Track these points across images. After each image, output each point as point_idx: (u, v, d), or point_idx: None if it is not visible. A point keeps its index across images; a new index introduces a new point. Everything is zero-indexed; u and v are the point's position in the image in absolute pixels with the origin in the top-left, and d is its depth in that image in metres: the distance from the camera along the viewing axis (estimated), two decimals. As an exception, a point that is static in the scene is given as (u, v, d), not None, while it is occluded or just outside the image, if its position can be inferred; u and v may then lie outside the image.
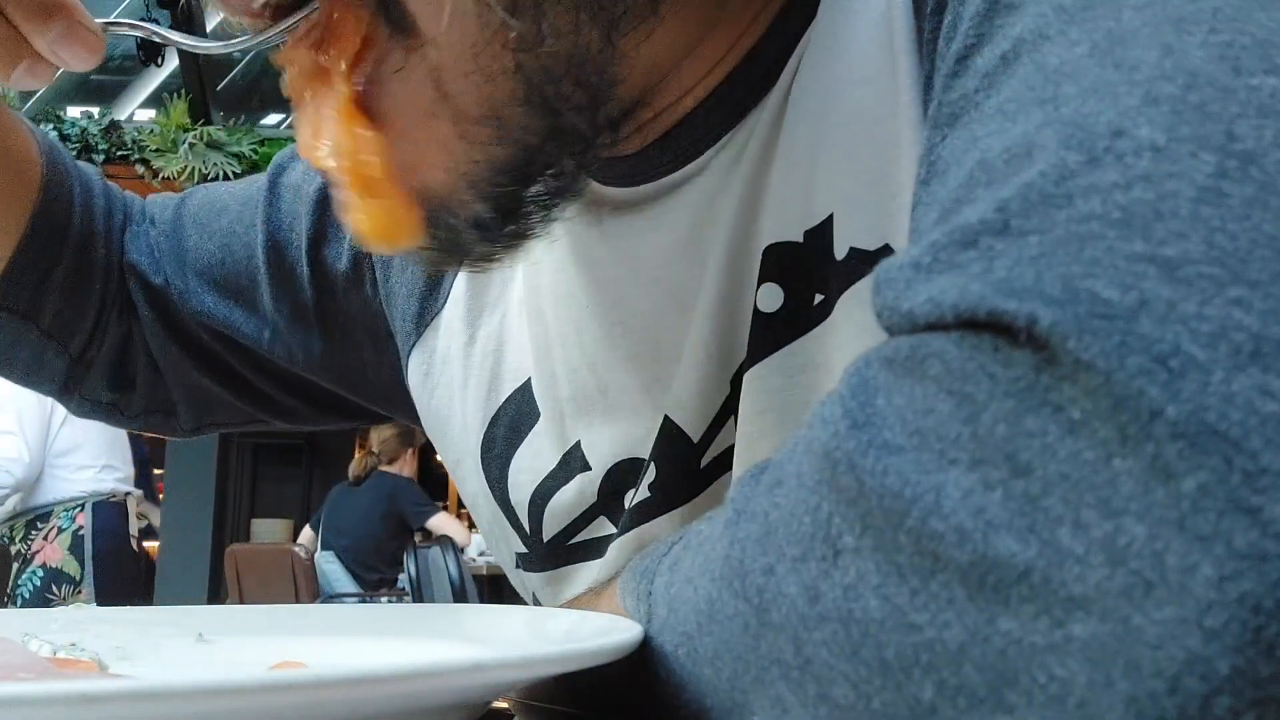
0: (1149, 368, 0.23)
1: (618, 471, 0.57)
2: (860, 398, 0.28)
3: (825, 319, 0.47)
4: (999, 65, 0.33)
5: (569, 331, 0.58)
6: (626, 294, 0.55)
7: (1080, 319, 0.24)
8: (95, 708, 0.23)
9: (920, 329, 0.28)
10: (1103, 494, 0.23)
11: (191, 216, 0.72)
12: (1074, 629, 0.23)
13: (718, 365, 0.52)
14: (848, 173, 0.46)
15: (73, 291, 0.68)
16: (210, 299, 0.70)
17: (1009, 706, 0.24)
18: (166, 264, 0.71)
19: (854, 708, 0.27)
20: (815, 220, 0.47)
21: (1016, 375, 0.25)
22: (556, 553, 0.61)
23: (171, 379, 0.73)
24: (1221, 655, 0.21)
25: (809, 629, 0.28)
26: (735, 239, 0.50)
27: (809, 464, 0.29)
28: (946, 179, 0.32)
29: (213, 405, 0.75)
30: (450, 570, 4.50)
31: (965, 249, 0.28)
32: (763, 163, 0.50)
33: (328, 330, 0.71)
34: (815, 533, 0.28)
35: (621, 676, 0.36)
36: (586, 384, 0.58)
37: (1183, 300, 0.24)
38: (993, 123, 0.31)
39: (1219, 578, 0.22)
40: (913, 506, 0.25)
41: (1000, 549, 0.24)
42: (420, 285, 0.66)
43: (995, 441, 0.25)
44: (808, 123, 0.47)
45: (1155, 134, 0.26)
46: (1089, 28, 0.30)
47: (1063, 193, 0.27)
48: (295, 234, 0.69)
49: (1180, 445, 0.22)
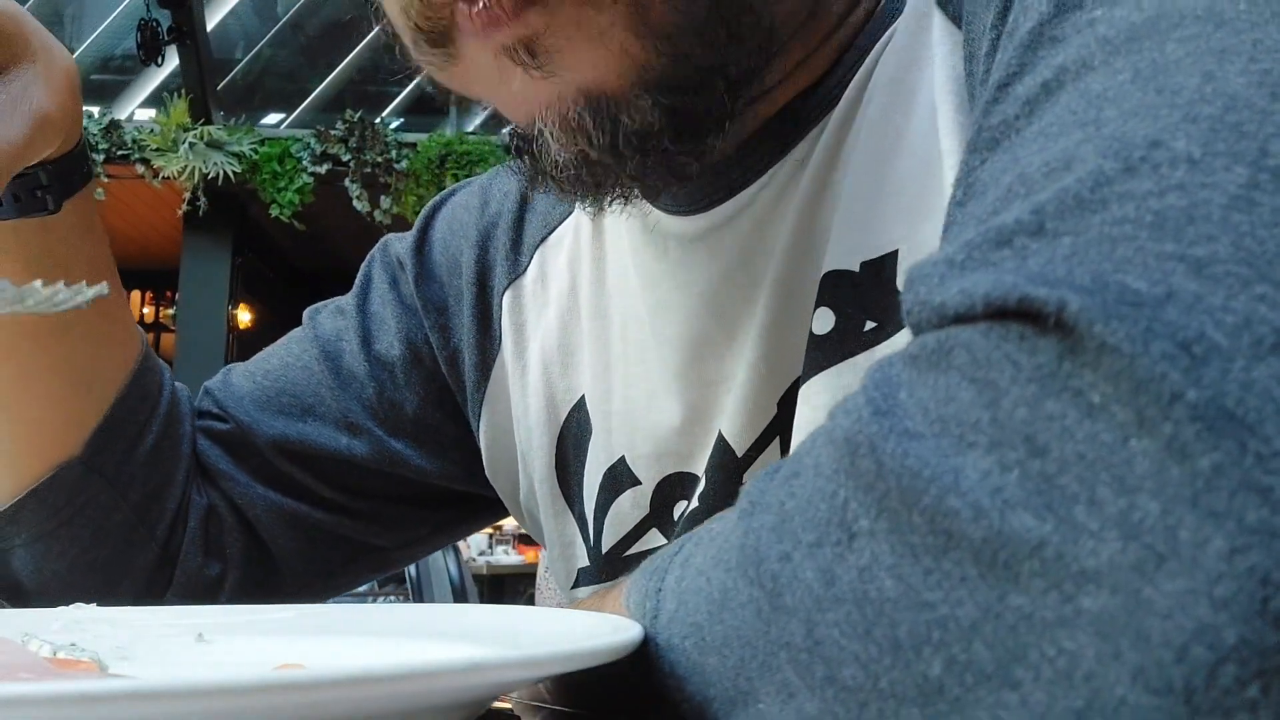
0: (1172, 353, 0.23)
1: (667, 485, 0.60)
2: (883, 390, 0.29)
3: (877, 344, 0.50)
4: (1040, 92, 0.34)
5: (631, 351, 0.62)
6: (683, 317, 0.59)
7: (1108, 306, 0.25)
8: (95, 708, 0.23)
9: (949, 321, 0.28)
10: (1118, 472, 0.23)
11: (240, 374, 0.74)
12: (1084, 602, 0.23)
13: (766, 385, 0.55)
14: (917, 212, 0.49)
15: (159, 462, 0.67)
16: (279, 422, 0.71)
17: (1015, 682, 0.24)
18: (230, 410, 0.71)
19: (861, 688, 0.27)
20: (876, 253, 0.50)
21: (1040, 362, 0.25)
22: (614, 564, 0.63)
23: (271, 529, 0.71)
24: (1230, 624, 0.22)
25: (823, 611, 0.28)
26: (788, 266, 0.55)
27: (828, 454, 0.30)
28: (984, 198, 0.32)
29: (312, 543, 0.72)
30: (450, 570, 4.50)
31: (1000, 247, 0.28)
32: (817, 197, 0.54)
33: (397, 425, 0.72)
34: (831, 518, 0.28)
35: (622, 676, 0.36)
36: (638, 400, 0.61)
37: (1209, 294, 0.24)
38: (1034, 144, 0.32)
39: (1230, 550, 0.22)
40: (930, 486, 0.26)
41: (1015, 525, 0.24)
42: (475, 332, 0.70)
43: (1015, 425, 0.25)
44: (872, 163, 0.51)
45: (1191, 147, 0.27)
46: (1133, 58, 0.31)
47: (1098, 198, 0.27)
48: (346, 341, 0.72)
49: (1198, 427, 0.23)
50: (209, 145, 6.30)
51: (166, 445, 0.68)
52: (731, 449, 0.56)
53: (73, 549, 0.64)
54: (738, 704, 0.31)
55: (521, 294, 0.69)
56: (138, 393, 0.66)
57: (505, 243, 0.70)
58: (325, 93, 7.82)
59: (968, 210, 0.34)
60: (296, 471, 0.71)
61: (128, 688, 0.24)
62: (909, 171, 0.49)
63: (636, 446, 0.61)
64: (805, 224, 0.54)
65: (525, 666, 0.31)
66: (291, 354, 0.73)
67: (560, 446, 0.66)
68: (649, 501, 0.61)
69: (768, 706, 0.30)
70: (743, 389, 0.56)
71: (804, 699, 0.28)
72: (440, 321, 0.71)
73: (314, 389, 0.72)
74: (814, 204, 0.54)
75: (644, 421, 0.61)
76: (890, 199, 0.50)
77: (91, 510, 0.64)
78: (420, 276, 0.72)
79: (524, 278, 0.69)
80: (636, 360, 0.62)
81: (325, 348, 0.72)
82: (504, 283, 0.70)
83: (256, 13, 8.15)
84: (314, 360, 0.72)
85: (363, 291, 0.74)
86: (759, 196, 0.56)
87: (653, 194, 0.57)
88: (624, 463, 0.62)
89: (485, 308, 0.70)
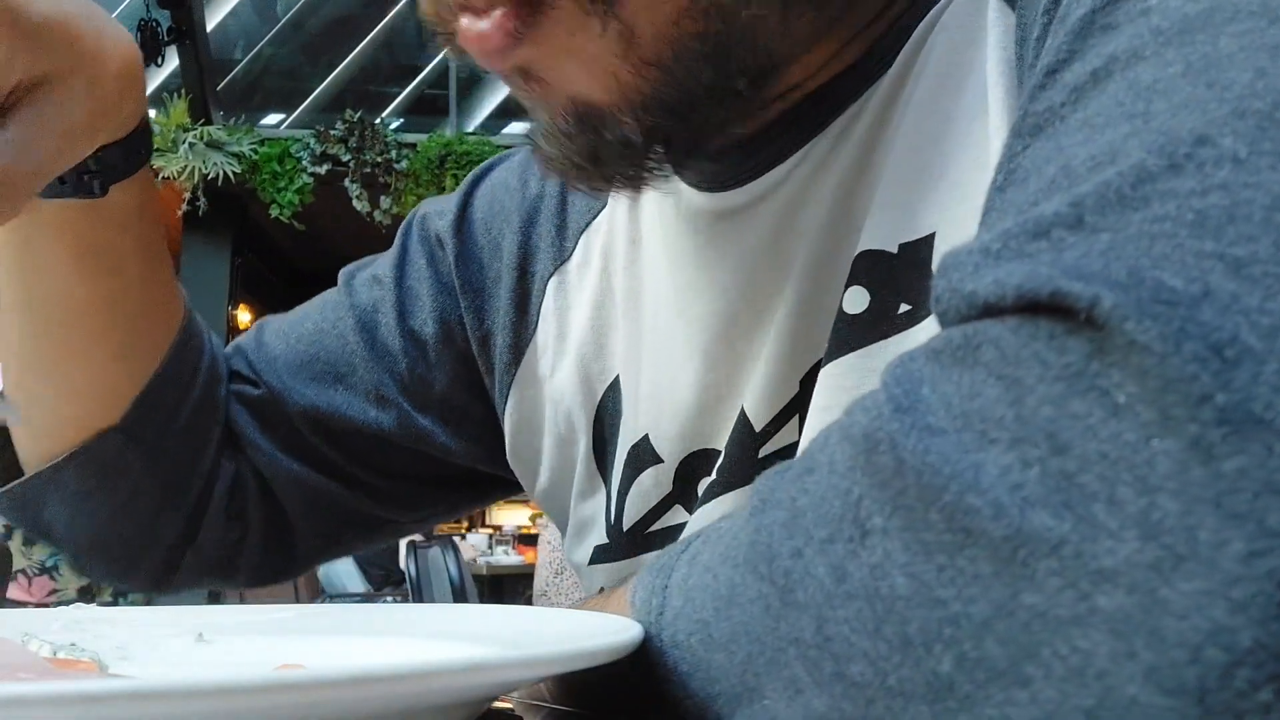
0: (1204, 354, 0.23)
1: (690, 462, 0.60)
2: (904, 386, 0.29)
3: (910, 327, 0.49)
4: (1089, 80, 0.33)
5: (660, 330, 0.62)
6: (712, 295, 0.59)
7: (1142, 303, 0.24)
8: (95, 708, 0.23)
9: (979, 311, 0.28)
10: (1140, 471, 0.23)
11: (274, 334, 0.75)
12: (1100, 601, 0.23)
13: (790, 364, 0.55)
14: (958, 198, 0.48)
15: (194, 433, 0.69)
16: (311, 390, 0.72)
17: (1026, 679, 0.24)
18: (263, 373, 0.72)
19: (870, 685, 0.27)
20: (915, 235, 0.49)
21: (1068, 361, 0.25)
22: (635, 541, 0.63)
23: (290, 498, 0.73)
24: (1245, 627, 0.22)
25: (834, 607, 0.28)
26: (822, 244, 0.54)
27: (843, 451, 0.29)
28: (1026, 186, 0.32)
29: (332, 513, 0.75)
30: (450, 570, 4.50)
31: (1037, 239, 0.28)
32: (856, 175, 0.53)
33: (425, 401, 0.73)
34: (844, 514, 0.28)
35: (624, 676, 0.36)
36: (663, 379, 0.61)
37: (1246, 294, 0.24)
38: (1079, 134, 0.32)
39: (1248, 553, 0.22)
40: (951, 483, 0.26)
41: (1035, 523, 0.24)
42: (511, 315, 0.70)
43: (1038, 422, 0.25)
44: (917, 144, 0.50)
45: (1238, 145, 0.27)
46: (1185, 50, 0.31)
47: (1140, 195, 0.27)
48: (382, 314, 0.73)
49: (1224, 430, 0.23)
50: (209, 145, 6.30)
51: (202, 416, 0.69)
52: (750, 424, 0.56)
53: (104, 511, 0.67)
54: (743, 700, 0.31)
55: (566, 279, 0.69)
56: (178, 364, 0.67)
57: (550, 229, 0.70)
58: (325, 93, 7.82)
59: (1007, 197, 0.33)
60: (322, 443, 0.72)
61: (128, 688, 0.24)
62: (955, 155, 0.48)
63: (661, 425, 0.61)
64: (842, 202, 0.53)
65: (525, 666, 0.31)
66: (327, 320, 0.74)
67: (597, 427, 0.66)
68: (672, 479, 0.61)
69: (773, 703, 0.30)
70: (767, 365, 0.55)
71: (811, 695, 0.28)
72: (476, 303, 0.72)
73: (347, 358, 0.72)
74: (852, 182, 0.53)
75: (669, 400, 0.61)
76: (934, 181, 0.49)
77: (127, 477, 0.66)
78: (460, 257, 0.72)
79: (569, 263, 0.69)
80: (664, 339, 0.62)
81: (361, 318, 0.73)
82: (549, 268, 0.70)
83: (256, 13, 8.15)
84: (350, 330, 0.72)
85: (399, 263, 0.74)
86: (793, 173, 0.55)
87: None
88: (647, 441, 0.62)
89: (524, 292, 0.71)
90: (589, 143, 0.49)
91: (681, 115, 0.49)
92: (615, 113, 0.48)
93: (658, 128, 0.49)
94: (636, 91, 0.47)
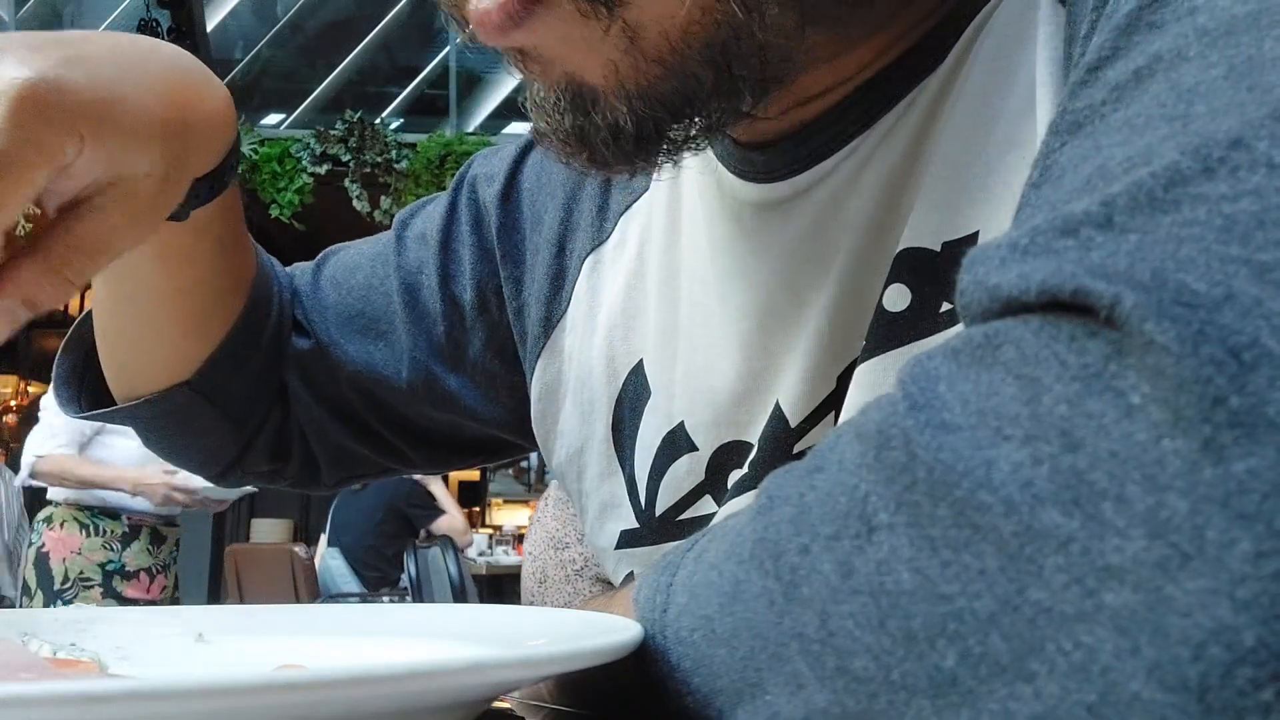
0: (1221, 358, 0.23)
1: (723, 452, 0.60)
2: (920, 384, 0.29)
3: (951, 326, 0.49)
4: (1131, 79, 0.33)
5: (698, 317, 0.62)
6: (753, 285, 0.58)
7: (1163, 305, 0.24)
8: (95, 708, 0.23)
9: (1001, 305, 0.28)
10: (1149, 470, 0.23)
11: (328, 279, 0.78)
12: (1105, 598, 0.23)
13: (829, 358, 0.54)
14: (1003, 197, 0.48)
15: (258, 382, 0.75)
16: (352, 347, 0.76)
17: (1030, 675, 0.24)
18: (315, 325, 0.76)
19: (872, 679, 0.27)
20: (959, 234, 0.49)
21: (1086, 362, 0.25)
22: (666, 528, 0.63)
23: (318, 443, 0.80)
24: (1249, 626, 0.22)
25: (838, 603, 0.28)
26: (865, 240, 0.53)
27: (852, 448, 0.30)
28: (1061, 183, 0.32)
29: (354, 462, 0.81)
30: (450, 570, 4.50)
31: (1065, 236, 0.28)
32: (903, 171, 0.52)
33: (458, 362, 0.76)
34: (850, 511, 0.28)
35: (625, 675, 0.36)
36: (700, 366, 0.61)
37: (1270, 299, 0.24)
38: (1118, 134, 0.31)
39: (1255, 553, 0.22)
40: (963, 479, 0.26)
41: (1044, 520, 0.24)
42: (546, 290, 0.71)
43: (1052, 420, 0.25)
44: (965, 141, 0.49)
45: (1273, 150, 0.27)
46: (1229, 52, 0.30)
47: (1171, 198, 0.27)
48: (426, 275, 0.75)
49: (1237, 433, 0.23)
50: (209, 145, 6.30)
51: (265, 373, 0.75)
52: (786, 419, 0.56)
53: (167, 442, 0.78)
54: (744, 696, 0.31)
55: (602, 260, 0.69)
56: (248, 325, 0.72)
57: (591, 208, 0.71)
58: (325, 93, 7.82)
59: (1041, 194, 0.33)
60: (357, 400, 0.77)
61: (128, 688, 0.24)
62: (1001, 153, 0.48)
63: (696, 413, 0.61)
64: (888, 198, 0.53)
65: (525, 666, 0.31)
66: (376, 275, 0.76)
67: (617, 409, 0.66)
68: (705, 468, 0.61)
69: (775, 698, 0.30)
70: (805, 360, 0.55)
71: (813, 690, 0.28)
72: (515, 274, 0.73)
73: (389, 318, 0.76)
74: (898, 178, 0.53)
75: (704, 388, 0.61)
76: (980, 180, 0.49)
77: (192, 423, 0.74)
78: (504, 227, 0.74)
79: (606, 244, 0.69)
80: (701, 326, 0.61)
81: (406, 279, 0.75)
82: (587, 248, 0.70)
83: (256, 13, 8.14)
84: (395, 290, 0.75)
85: (447, 224, 0.76)
86: (840, 166, 0.54)
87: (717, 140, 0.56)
88: (683, 428, 0.62)
89: (560, 269, 0.71)
90: (576, 123, 0.49)
91: (676, 111, 0.48)
92: (609, 97, 0.48)
93: (649, 119, 0.48)
94: (634, 82, 0.47)
